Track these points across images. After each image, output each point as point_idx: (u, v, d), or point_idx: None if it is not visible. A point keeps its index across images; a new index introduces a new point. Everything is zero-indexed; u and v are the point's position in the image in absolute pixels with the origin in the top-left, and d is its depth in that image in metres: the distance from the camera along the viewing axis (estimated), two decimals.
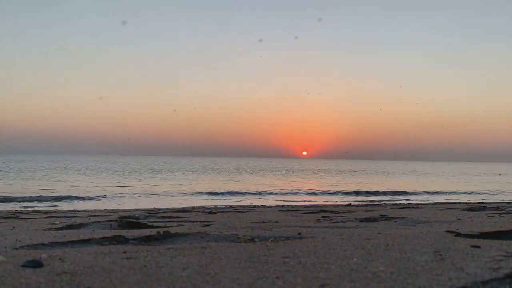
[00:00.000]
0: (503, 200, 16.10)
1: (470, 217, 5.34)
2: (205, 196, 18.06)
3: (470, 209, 7.25)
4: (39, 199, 15.43)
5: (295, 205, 12.17)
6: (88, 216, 6.76)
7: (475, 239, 2.96)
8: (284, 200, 16.58)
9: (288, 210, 7.98)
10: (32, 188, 20.02)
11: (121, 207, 12.40)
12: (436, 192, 21.41)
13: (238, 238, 3.22)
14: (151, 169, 44.90)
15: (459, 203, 12.16)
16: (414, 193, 20.71)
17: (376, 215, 5.74)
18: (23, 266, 2.11)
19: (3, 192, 16.97)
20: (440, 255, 2.37)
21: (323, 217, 5.75)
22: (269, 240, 3.09)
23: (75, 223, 4.83)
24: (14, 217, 6.73)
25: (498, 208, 7.59)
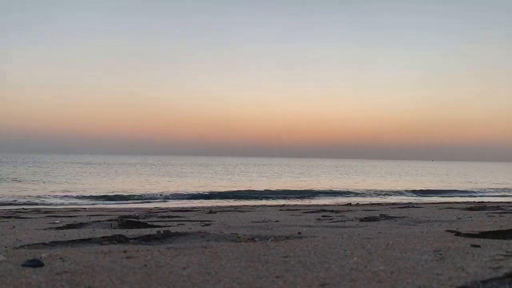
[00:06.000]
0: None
1: (470, 217, 5.34)
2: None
3: (470, 209, 7.25)
4: (37, 199, 15.44)
5: (295, 204, 12.17)
6: (88, 215, 6.77)
7: (475, 239, 2.96)
8: None
9: (288, 210, 8.00)
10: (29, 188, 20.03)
11: (121, 207, 12.41)
12: None
13: (238, 237, 3.21)
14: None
15: (459, 202, 12.16)
16: None
17: (376, 215, 5.74)
18: (23, 265, 2.11)
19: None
20: (440, 254, 2.37)
21: (323, 216, 5.75)
22: (269, 240, 3.09)
23: (76, 223, 4.83)
24: (14, 217, 6.73)
25: (499, 208, 7.60)
